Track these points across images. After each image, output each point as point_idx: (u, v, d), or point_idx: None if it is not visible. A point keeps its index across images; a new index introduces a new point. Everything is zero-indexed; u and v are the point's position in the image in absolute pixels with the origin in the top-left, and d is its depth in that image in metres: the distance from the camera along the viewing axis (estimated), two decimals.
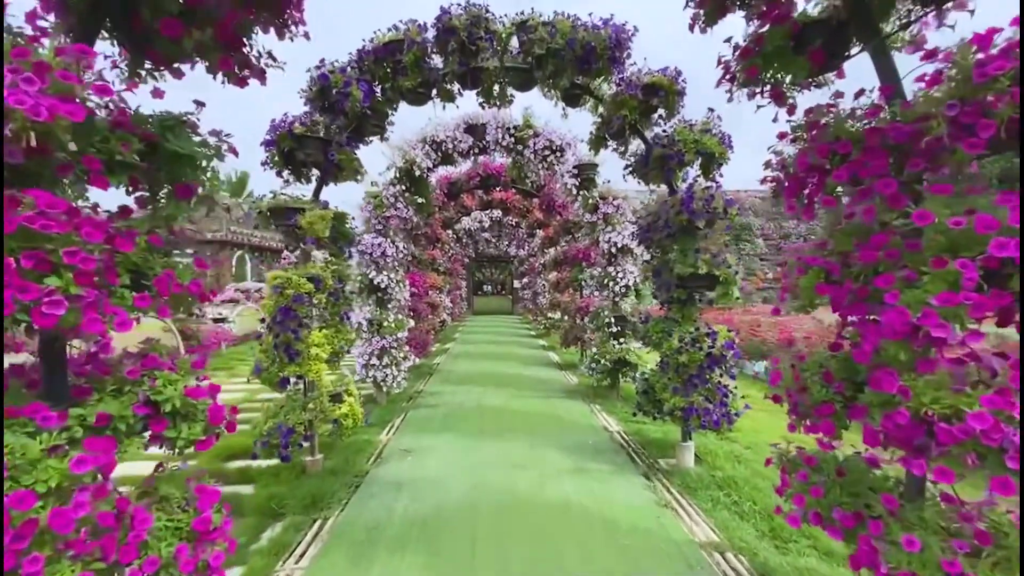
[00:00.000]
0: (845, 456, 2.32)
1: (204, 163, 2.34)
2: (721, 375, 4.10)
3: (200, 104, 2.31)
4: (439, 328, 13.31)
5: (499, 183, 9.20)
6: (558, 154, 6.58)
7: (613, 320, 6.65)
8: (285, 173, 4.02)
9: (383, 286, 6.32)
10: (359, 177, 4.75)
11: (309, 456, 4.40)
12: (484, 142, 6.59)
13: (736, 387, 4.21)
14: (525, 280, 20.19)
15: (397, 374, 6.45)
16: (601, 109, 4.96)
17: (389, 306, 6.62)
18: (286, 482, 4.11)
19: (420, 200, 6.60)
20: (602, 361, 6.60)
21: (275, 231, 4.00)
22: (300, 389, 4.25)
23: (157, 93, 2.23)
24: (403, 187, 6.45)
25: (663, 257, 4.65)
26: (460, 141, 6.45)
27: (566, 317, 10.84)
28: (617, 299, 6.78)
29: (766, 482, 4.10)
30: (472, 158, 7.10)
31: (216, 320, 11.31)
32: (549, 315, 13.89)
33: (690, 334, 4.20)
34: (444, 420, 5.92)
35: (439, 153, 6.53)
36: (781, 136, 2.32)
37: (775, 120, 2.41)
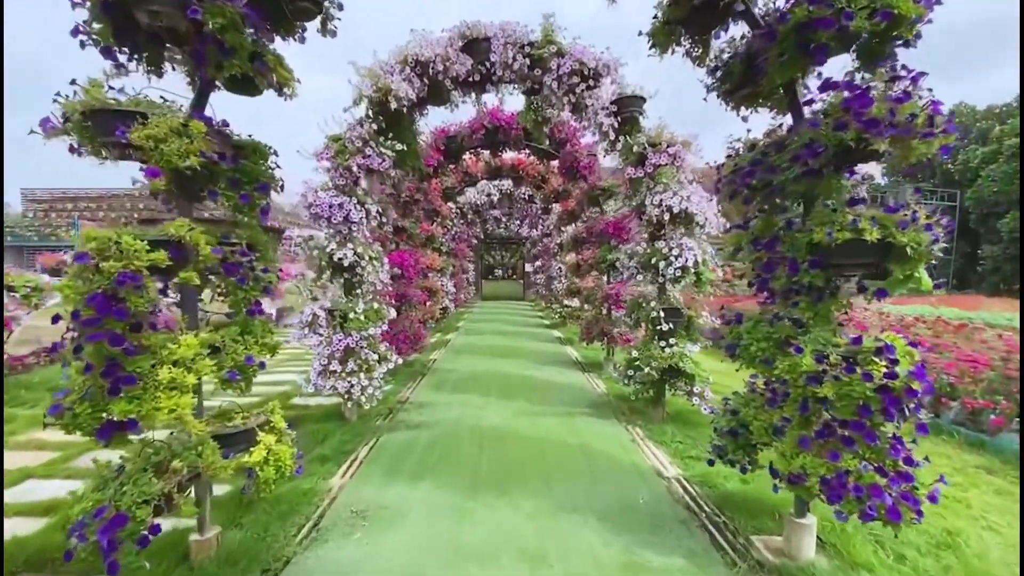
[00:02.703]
0: None
1: None
2: (898, 425, 2.30)
3: None
4: (440, 316, 11.65)
5: (509, 140, 7.36)
6: (591, 82, 4.71)
7: (662, 314, 4.85)
8: (124, 56, 2.26)
9: (346, 264, 4.59)
10: (287, 89, 3.00)
11: (197, 533, 2.74)
12: (488, 65, 4.75)
13: (915, 441, 2.40)
14: (538, 263, 18.39)
15: (368, 383, 4.76)
16: None
17: (358, 291, 4.90)
18: None
19: (400, 146, 4.81)
20: (645, 369, 4.83)
21: (110, 157, 2.27)
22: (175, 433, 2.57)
23: None
24: (376, 127, 4.66)
25: (769, 218, 2.85)
26: (454, 62, 4.62)
27: (587, 306, 9.07)
28: (668, 284, 4.96)
29: None
30: (472, 93, 5.27)
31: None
32: (566, 303, 12.11)
33: (834, 348, 2.41)
34: (427, 452, 4.22)
35: (425, 80, 4.70)
36: None
37: None
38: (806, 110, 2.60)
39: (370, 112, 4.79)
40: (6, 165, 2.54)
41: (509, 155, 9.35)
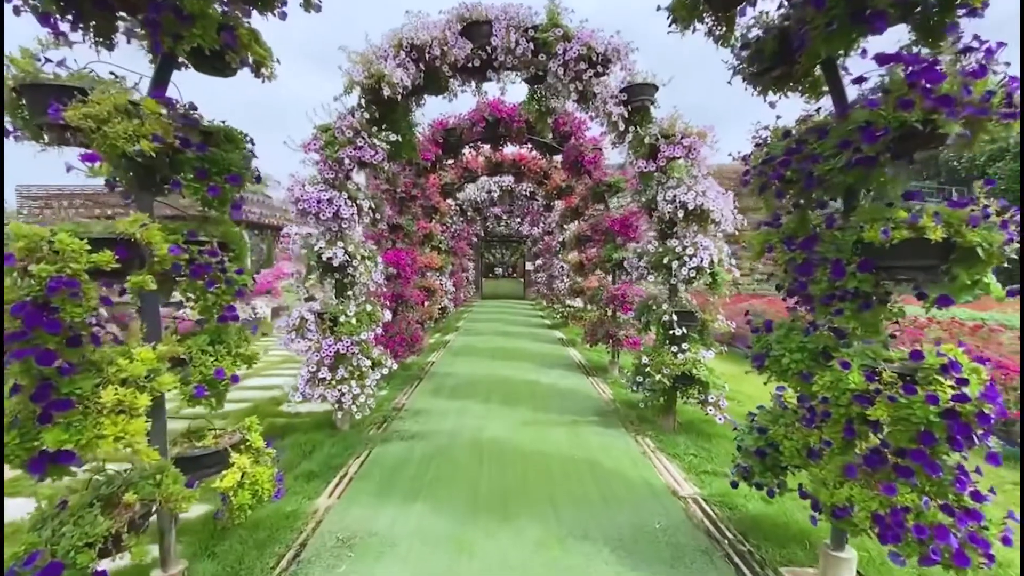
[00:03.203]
0: None
1: None
2: (965, 456, 2.00)
3: None
4: (439, 316, 11.35)
5: (511, 133, 7.02)
6: (599, 69, 4.39)
7: (675, 317, 4.54)
8: (65, 25, 1.94)
9: (336, 264, 4.27)
10: (265, 69, 2.70)
11: (159, 570, 2.43)
12: (488, 50, 4.43)
13: (978, 470, 2.10)
14: (539, 262, 18.08)
15: (360, 391, 4.45)
16: None
17: (350, 293, 4.59)
18: None
19: (395, 138, 4.49)
20: (656, 376, 4.52)
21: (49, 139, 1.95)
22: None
23: None
24: (368, 116, 4.35)
25: (804, 214, 2.55)
26: (452, 47, 4.29)
27: (591, 307, 8.76)
28: (680, 286, 4.65)
29: None
30: (472, 81, 4.95)
31: (166, 304, 9.42)
32: (568, 303, 11.80)
33: (887, 363, 2.10)
34: (422, 468, 3.92)
35: (421, 66, 4.38)
36: None
37: None
38: (852, 91, 2.29)
39: (362, 101, 4.48)
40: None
41: (510, 150, 9.02)
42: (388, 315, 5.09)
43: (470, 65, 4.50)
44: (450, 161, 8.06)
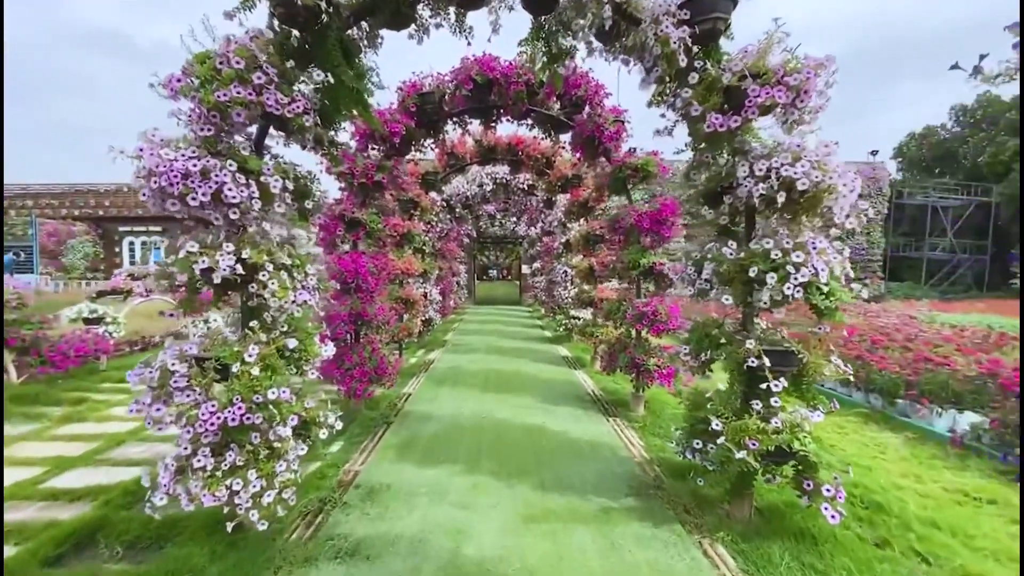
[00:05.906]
0: None
1: None
2: None
3: None
4: (422, 331, 9.67)
5: (506, 101, 5.36)
6: None
7: (765, 358, 2.89)
8: None
9: (218, 280, 2.58)
10: None
11: None
12: None
13: None
14: (537, 265, 16.43)
15: (264, 484, 2.76)
16: None
17: (254, 323, 2.90)
18: None
19: (323, 78, 2.82)
20: (738, 453, 2.87)
21: None
22: None
23: None
24: (278, 36, 2.68)
25: None
26: None
27: (607, 323, 7.11)
28: (758, 309, 3.02)
29: None
30: (448, 8, 3.30)
31: (88, 321, 7.66)
32: (573, 314, 10.16)
33: None
34: None
35: None
36: None
37: None
38: None
39: (276, 23, 2.83)
40: None
41: (505, 131, 7.38)
42: (329, 349, 3.41)
43: None
44: (429, 141, 6.38)
